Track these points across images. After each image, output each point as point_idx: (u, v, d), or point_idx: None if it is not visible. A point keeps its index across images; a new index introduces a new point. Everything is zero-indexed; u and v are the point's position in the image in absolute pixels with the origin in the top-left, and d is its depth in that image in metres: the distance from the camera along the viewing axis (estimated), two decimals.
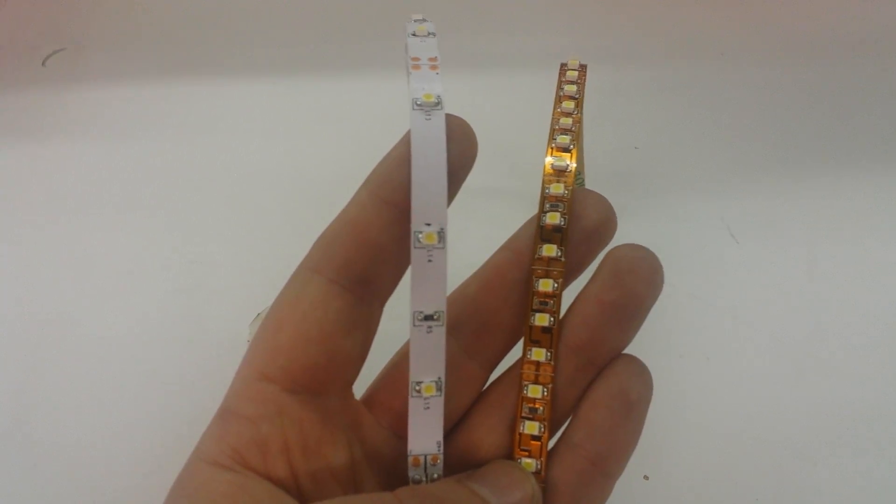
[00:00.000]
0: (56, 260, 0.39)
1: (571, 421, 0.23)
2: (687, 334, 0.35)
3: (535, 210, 0.23)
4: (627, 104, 0.45)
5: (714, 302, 0.36)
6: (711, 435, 0.33)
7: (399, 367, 0.23)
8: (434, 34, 0.21)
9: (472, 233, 0.35)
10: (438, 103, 0.20)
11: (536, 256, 0.22)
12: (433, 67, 0.21)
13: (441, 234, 0.20)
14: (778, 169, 0.42)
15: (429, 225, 0.20)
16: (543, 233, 0.22)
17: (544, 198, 0.23)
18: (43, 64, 0.49)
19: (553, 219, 0.22)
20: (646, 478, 0.31)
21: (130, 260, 0.39)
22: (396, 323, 0.24)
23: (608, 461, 0.22)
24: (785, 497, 0.31)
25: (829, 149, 0.42)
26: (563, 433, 0.23)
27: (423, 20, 0.22)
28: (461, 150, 0.21)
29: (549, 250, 0.22)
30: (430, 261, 0.20)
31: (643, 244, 0.22)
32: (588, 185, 0.39)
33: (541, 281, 0.22)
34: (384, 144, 0.21)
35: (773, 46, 0.48)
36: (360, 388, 0.24)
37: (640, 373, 0.22)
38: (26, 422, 0.34)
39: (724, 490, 0.31)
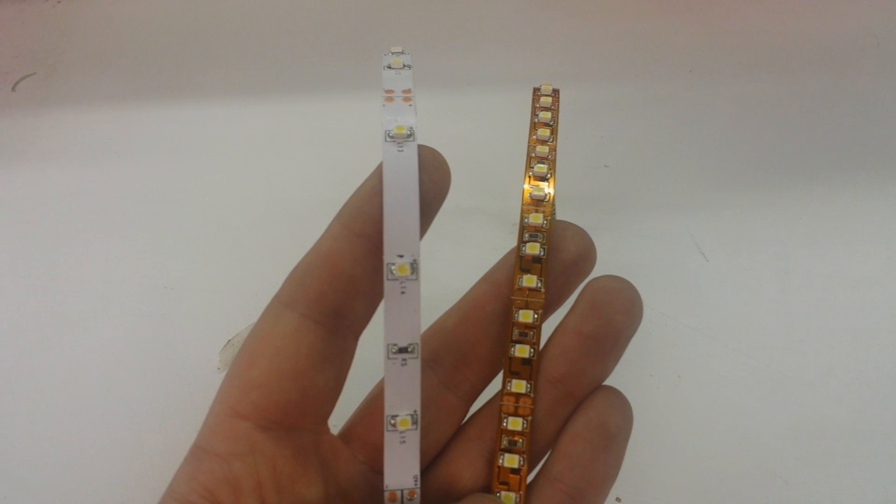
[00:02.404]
0: (25, 285, 0.38)
1: (551, 454, 0.22)
2: (657, 353, 0.35)
3: (508, 229, 0.23)
4: (597, 122, 0.45)
5: (684, 319, 0.36)
6: (683, 455, 0.33)
7: (376, 400, 0.23)
8: (410, 66, 0.21)
9: (445, 253, 0.34)
10: (411, 135, 0.20)
11: (516, 287, 0.22)
12: (406, 99, 0.20)
13: (414, 266, 0.19)
14: (746, 185, 0.42)
15: (401, 256, 0.19)
16: (523, 263, 0.22)
17: (523, 228, 0.22)
18: (13, 89, 0.48)
19: (533, 249, 0.22)
20: (618, 500, 0.31)
21: (101, 285, 0.38)
22: (378, 355, 0.23)
23: (587, 495, 0.21)
24: None
25: (797, 164, 0.43)
26: (543, 466, 0.22)
27: (401, 52, 0.21)
28: (433, 180, 0.20)
29: (529, 281, 0.22)
30: (403, 293, 0.19)
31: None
32: (558, 204, 0.39)
33: (521, 312, 0.22)
34: (360, 169, 0.21)
35: (740, 62, 0.48)
36: (341, 421, 0.23)
37: (620, 405, 0.22)
38: None
39: None
